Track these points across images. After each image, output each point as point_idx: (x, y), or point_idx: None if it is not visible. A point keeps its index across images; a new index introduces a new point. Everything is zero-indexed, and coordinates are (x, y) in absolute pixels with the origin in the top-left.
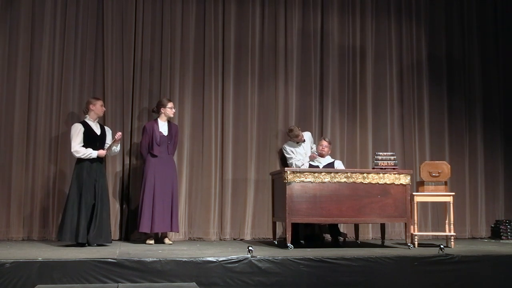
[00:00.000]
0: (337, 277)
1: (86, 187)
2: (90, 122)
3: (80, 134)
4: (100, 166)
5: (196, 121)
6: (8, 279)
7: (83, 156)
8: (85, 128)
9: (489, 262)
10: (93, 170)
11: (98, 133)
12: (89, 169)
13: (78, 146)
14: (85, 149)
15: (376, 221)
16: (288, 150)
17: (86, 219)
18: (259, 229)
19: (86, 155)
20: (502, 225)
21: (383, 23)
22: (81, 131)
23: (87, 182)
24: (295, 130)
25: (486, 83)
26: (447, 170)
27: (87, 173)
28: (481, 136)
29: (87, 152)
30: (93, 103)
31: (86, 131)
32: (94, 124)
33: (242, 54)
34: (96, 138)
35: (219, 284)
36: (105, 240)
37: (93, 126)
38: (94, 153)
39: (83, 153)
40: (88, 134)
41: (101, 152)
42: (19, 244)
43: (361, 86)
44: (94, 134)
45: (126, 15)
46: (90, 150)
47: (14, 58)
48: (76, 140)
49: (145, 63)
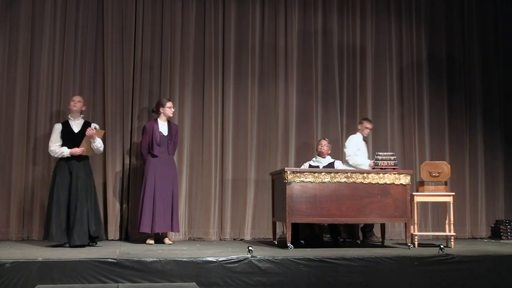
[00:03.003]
0: (337, 277)
1: (60, 186)
2: (71, 120)
3: (56, 133)
4: (78, 163)
5: (196, 121)
6: (8, 279)
7: (56, 155)
8: (63, 127)
9: (489, 262)
10: (70, 168)
11: (76, 131)
12: (64, 167)
13: (53, 145)
14: (59, 148)
15: (376, 221)
16: (353, 144)
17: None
18: (259, 229)
19: (58, 154)
20: (502, 225)
21: (383, 23)
22: (58, 130)
23: (61, 180)
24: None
25: (486, 83)
26: (447, 170)
27: (62, 171)
28: (481, 136)
29: (60, 151)
30: (71, 101)
31: (63, 129)
32: (75, 122)
33: (242, 54)
34: (73, 136)
35: (219, 284)
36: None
37: (72, 125)
38: (66, 152)
39: (55, 153)
40: (65, 132)
41: (74, 150)
42: (19, 244)
43: (361, 86)
44: (71, 132)
45: (126, 15)
46: (64, 148)
47: (14, 58)
48: (52, 140)
49: (145, 63)
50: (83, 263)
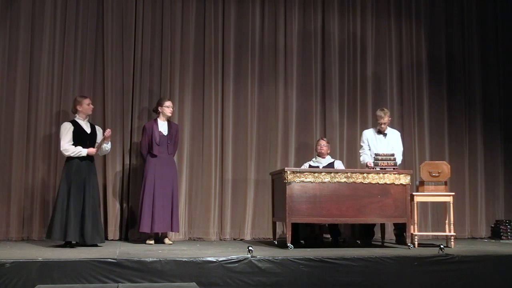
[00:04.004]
0: (337, 277)
1: (76, 186)
2: (80, 121)
3: (70, 132)
4: (90, 164)
5: (196, 121)
6: (8, 279)
7: (73, 155)
8: (74, 127)
9: (489, 262)
10: (83, 169)
11: (88, 131)
12: (78, 167)
13: (67, 144)
14: (75, 147)
15: (376, 221)
16: (364, 136)
17: (76, 218)
18: (259, 229)
19: (75, 153)
20: (502, 225)
21: (383, 23)
22: (71, 130)
23: (77, 180)
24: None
25: (486, 83)
26: (447, 170)
27: (76, 171)
28: (481, 136)
29: (77, 150)
30: (80, 103)
31: (75, 129)
32: (84, 123)
33: (242, 54)
34: (86, 136)
35: (219, 284)
36: (101, 240)
37: (83, 125)
38: (84, 151)
39: (72, 151)
40: (78, 132)
41: (91, 150)
42: (19, 244)
43: (361, 86)
44: (84, 132)
45: (126, 15)
46: (79, 148)
47: (14, 58)
48: (65, 139)
49: (145, 63)
50: (83, 263)
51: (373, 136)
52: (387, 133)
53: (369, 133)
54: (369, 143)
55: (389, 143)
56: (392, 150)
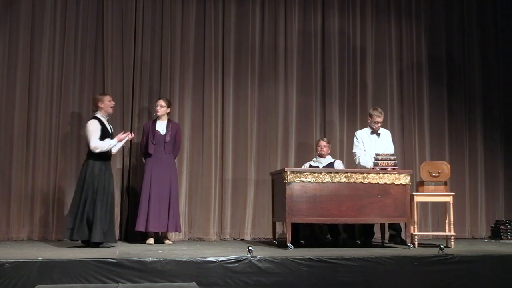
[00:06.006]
0: (337, 277)
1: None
2: (103, 118)
3: (99, 130)
4: (109, 164)
5: (196, 121)
6: (8, 279)
7: (105, 149)
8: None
9: (489, 262)
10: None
11: (110, 131)
12: (103, 166)
13: (98, 141)
14: (103, 142)
15: (376, 221)
16: (358, 137)
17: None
18: (259, 229)
19: (109, 146)
20: (502, 225)
21: (383, 23)
22: (99, 127)
23: (101, 180)
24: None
25: (486, 83)
26: (447, 170)
27: (100, 170)
28: (481, 136)
29: (106, 143)
30: (100, 100)
31: (102, 128)
32: (106, 121)
33: (242, 54)
34: (108, 135)
35: (219, 284)
36: (114, 240)
37: (106, 124)
38: (113, 141)
39: (103, 147)
40: (103, 131)
41: (120, 137)
42: (19, 244)
43: (361, 86)
44: (108, 131)
45: (126, 15)
46: (107, 140)
47: (14, 58)
48: (95, 136)
49: (145, 63)
50: (83, 263)
51: (367, 137)
52: (380, 132)
53: (363, 133)
54: (364, 144)
55: (383, 143)
56: (386, 150)
